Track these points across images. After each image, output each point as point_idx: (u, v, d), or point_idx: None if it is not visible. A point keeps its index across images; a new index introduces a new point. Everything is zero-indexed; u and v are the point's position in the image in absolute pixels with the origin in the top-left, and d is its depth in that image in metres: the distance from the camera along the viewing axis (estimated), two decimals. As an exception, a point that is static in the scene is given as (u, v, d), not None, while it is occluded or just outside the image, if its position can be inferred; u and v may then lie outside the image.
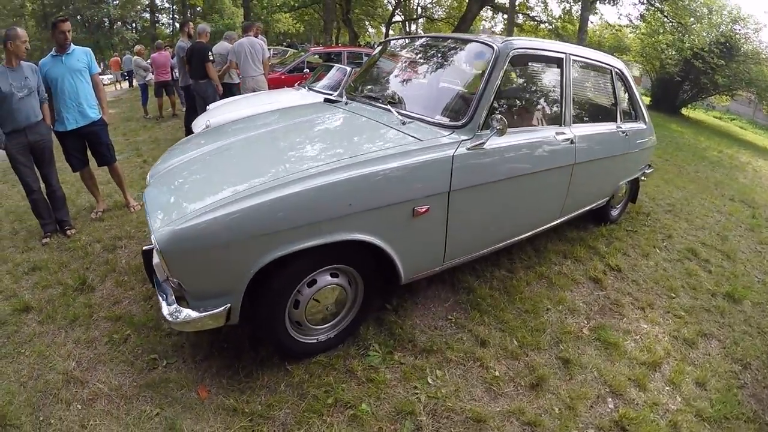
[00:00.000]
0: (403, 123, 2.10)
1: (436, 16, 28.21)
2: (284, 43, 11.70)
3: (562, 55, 2.65)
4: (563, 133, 2.57)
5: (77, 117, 3.29)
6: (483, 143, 2.01)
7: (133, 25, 33.62)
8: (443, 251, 2.11)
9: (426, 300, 2.48)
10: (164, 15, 36.77)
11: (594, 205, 3.32)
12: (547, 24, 18.10)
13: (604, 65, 3.13)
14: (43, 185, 3.21)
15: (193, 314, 1.58)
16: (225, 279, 1.57)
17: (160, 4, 35.25)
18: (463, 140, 1.99)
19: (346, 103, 2.66)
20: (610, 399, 1.92)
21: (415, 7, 29.44)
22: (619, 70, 3.25)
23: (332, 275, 1.86)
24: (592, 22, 16.24)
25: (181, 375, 1.87)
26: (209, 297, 1.59)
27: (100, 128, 3.45)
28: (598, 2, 14.51)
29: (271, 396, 1.77)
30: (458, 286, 2.62)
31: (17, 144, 2.99)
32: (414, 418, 1.72)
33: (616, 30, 17.51)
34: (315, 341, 1.95)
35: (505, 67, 2.16)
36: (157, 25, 35.29)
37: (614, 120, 3.19)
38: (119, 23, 32.26)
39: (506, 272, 2.85)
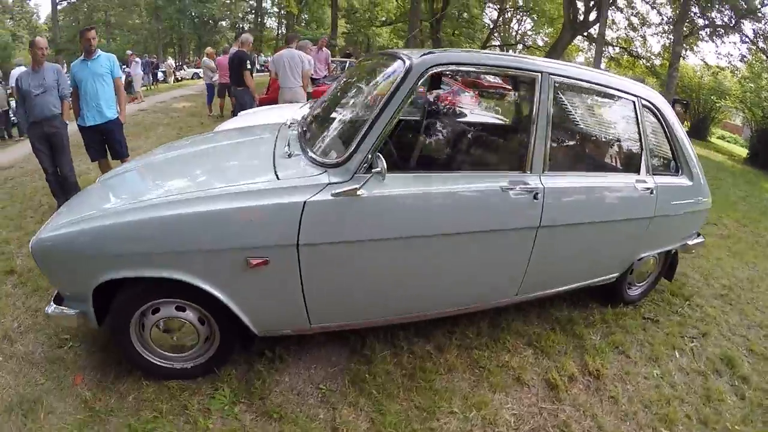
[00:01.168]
0: (289, 156, 1.86)
1: (530, 43, 27.11)
2: (345, 53, 11.90)
3: (536, 75, 2.01)
4: (523, 183, 1.95)
5: (95, 115, 3.72)
6: (356, 189, 1.60)
7: (239, 26, 36.27)
8: (305, 312, 1.77)
9: (313, 358, 2.14)
10: (272, 19, 39.47)
11: (590, 282, 2.59)
12: (644, 60, 16.28)
13: (619, 93, 2.38)
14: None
15: (49, 310, 1.76)
16: (72, 287, 1.71)
17: (268, 8, 37.85)
18: (330, 183, 1.62)
19: (289, 128, 2.39)
20: None
21: (513, 34, 28.65)
22: (650, 102, 2.46)
23: (179, 308, 1.77)
24: (686, 60, 14.21)
25: (73, 359, 2.06)
26: (70, 299, 1.75)
27: (115, 126, 3.86)
28: (696, 38, 12.67)
29: (117, 402, 1.83)
30: (359, 351, 2.19)
31: (35, 133, 3.61)
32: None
33: (715, 72, 15.21)
34: (170, 366, 1.90)
35: (412, 88, 1.71)
36: (263, 28, 37.93)
37: (635, 170, 2.46)
38: (222, 22, 35.11)
39: (433, 348, 2.28)
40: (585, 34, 15.19)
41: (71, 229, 1.61)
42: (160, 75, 20.64)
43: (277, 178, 1.67)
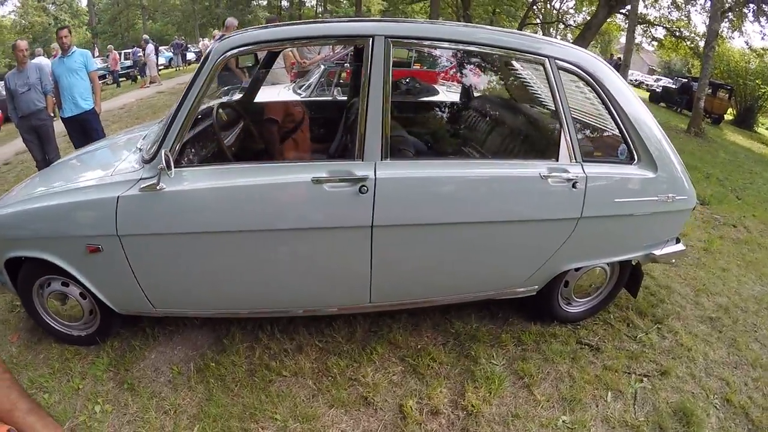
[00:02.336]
0: (139, 150, 1.99)
1: (572, 22, 25.03)
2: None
3: (366, 39, 1.65)
4: (348, 174, 1.62)
5: (72, 107, 4.06)
6: (155, 184, 1.63)
7: (275, 5, 35.02)
8: (144, 296, 1.87)
9: (182, 339, 2.21)
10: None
11: (494, 292, 2.09)
12: (688, 42, 14.45)
13: (512, 54, 1.88)
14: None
15: None
16: None
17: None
18: (142, 179, 1.69)
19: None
20: None
21: (555, 12, 26.64)
22: (573, 64, 1.85)
23: (63, 284, 1.95)
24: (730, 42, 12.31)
25: (16, 322, 2.35)
26: None
27: (91, 116, 4.19)
28: (740, 17, 11.08)
29: (32, 358, 2.08)
30: (220, 340, 2.18)
31: (24, 126, 4.06)
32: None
33: (761, 54, 13.67)
34: (69, 333, 2.11)
35: (210, 76, 1.67)
36: (302, 6, 36.66)
37: (549, 156, 1.90)
38: (256, 1, 33.91)
39: (293, 347, 2.11)
40: (624, 12, 13.56)
41: None
42: (191, 56, 21.02)
43: (108, 174, 1.87)
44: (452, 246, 1.87)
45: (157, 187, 1.62)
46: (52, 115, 4.20)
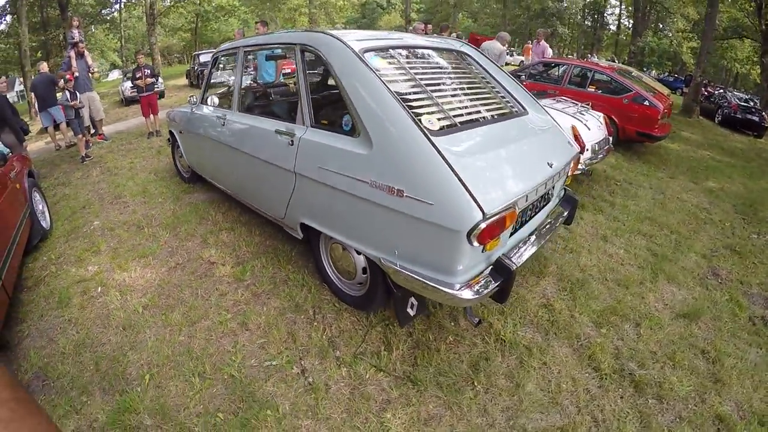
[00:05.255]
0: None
1: None
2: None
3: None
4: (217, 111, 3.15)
5: None
6: (192, 110, 3.51)
7: (575, 21, 31.41)
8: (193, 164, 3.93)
9: None
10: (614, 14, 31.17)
11: (276, 219, 2.71)
12: None
13: (286, 45, 2.54)
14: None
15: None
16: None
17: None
18: (192, 105, 3.58)
19: None
20: None
21: None
22: (311, 47, 2.20)
23: None
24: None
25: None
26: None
27: None
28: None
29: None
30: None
31: None
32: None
33: None
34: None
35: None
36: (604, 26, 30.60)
37: (293, 120, 2.37)
38: (555, 18, 30.13)
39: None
40: None
41: None
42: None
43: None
44: (250, 169, 2.76)
45: (192, 110, 3.45)
46: None
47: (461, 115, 2.16)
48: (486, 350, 2.13)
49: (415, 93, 2.06)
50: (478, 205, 1.58)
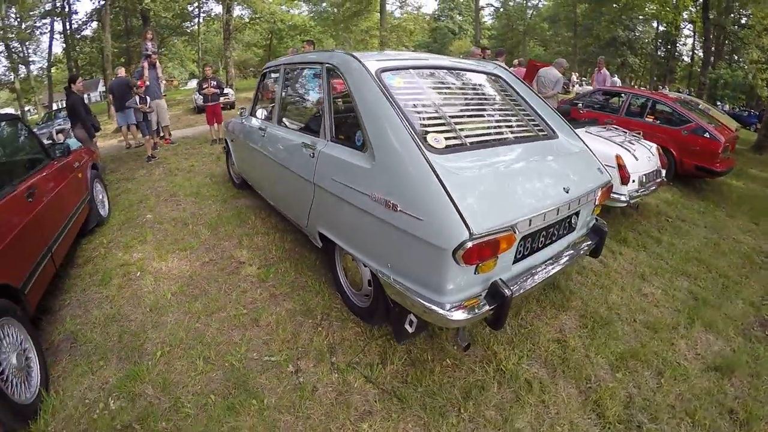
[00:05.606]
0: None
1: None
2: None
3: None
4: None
5: None
6: (242, 119, 3.93)
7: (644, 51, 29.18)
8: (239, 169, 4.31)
9: None
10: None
11: (301, 225, 2.84)
12: None
13: (313, 64, 2.71)
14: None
15: None
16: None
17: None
18: (243, 117, 3.96)
19: None
20: None
21: None
22: (333, 65, 2.36)
23: None
24: None
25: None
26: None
27: None
28: None
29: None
30: None
31: None
32: None
33: None
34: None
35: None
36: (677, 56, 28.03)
37: (317, 134, 2.51)
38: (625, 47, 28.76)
39: None
40: None
41: None
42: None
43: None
44: (282, 179, 2.95)
45: (242, 121, 3.78)
46: None
47: (475, 135, 2.16)
48: (483, 379, 2.04)
49: (427, 111, 2.11)
50: (466, 224, 1.56)
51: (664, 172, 3.96)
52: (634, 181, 3.50)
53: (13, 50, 21.85)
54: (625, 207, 3.73)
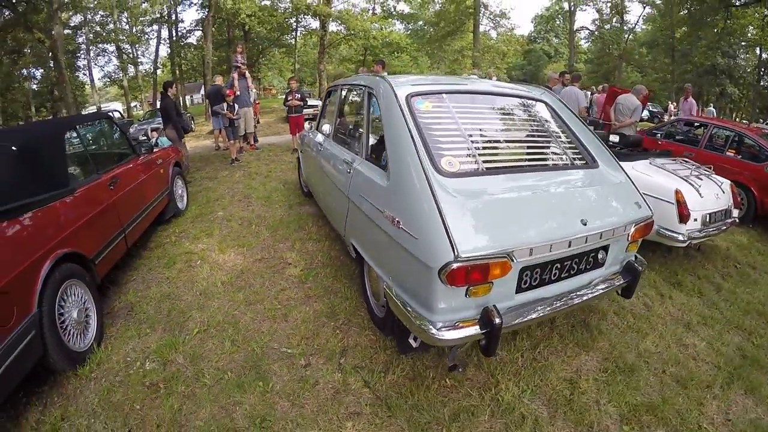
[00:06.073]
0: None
1: None
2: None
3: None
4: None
5: None
6: (308, 133, 4.35)
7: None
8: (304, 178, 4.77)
9: None
10: None
11: (341, 235, 3.05)
12: None
13: (360, 87, 2.92)
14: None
15: None
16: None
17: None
18: (309, 130, 4.52)
19: None
20: None
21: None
22: (369, 88, 2.63)
23: None
24: None
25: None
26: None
27: None
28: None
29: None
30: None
31: None
32: None
33: None
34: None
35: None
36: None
37: (358, 152, 2.73)
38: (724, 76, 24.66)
39: None
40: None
41: None
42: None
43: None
44: (330, 191, 3.23)
45: (309, 134, 4.15)
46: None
47: (496, 160, 2.20)
48: (477, 405, 2.05)
49: (449, 135, 2.21)
50: (453, 246, 1.64)
51: (737, 212, 3.50)
52: (696, 219, 3.17)
53: (123, 51, 25.29)
54: (686, 248, 3.38)
